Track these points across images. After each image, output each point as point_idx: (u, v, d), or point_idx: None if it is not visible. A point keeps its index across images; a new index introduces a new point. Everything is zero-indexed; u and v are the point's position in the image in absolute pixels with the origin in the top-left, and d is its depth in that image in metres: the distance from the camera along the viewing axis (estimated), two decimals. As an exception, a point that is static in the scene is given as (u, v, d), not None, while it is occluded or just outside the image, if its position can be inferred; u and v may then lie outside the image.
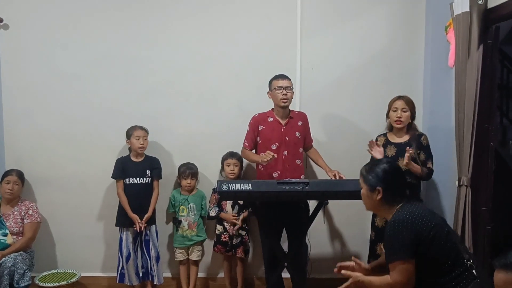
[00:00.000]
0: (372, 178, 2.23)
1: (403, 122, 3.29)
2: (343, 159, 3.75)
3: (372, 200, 2.23)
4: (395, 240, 2.07)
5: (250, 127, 3.55)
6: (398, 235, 2.06)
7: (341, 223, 4.01)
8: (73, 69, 3.88)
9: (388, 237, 2.10)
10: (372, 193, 2.22)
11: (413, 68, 3.88)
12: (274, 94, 3.43)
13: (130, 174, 3.69)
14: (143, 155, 3.76)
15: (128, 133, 3.69)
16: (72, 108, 3.90)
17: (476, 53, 2.94)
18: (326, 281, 3.94)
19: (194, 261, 3.84)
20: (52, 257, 4.01)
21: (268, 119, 3.51)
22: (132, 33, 3.86)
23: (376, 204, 2.23)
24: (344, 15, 3.88)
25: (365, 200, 2.30)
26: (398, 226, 2.07)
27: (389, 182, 2.21)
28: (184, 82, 3.90)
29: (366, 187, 2.25)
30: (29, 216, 3.66)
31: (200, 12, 3.86)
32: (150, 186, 3.74)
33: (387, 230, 2.13)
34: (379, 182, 2.20)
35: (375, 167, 2.26)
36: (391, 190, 2.20)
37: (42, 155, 3.93)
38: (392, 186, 2.21)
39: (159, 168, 3.80)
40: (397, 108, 3.29)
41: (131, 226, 3.67)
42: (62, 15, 3.85)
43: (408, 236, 2.04)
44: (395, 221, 2.10)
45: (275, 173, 3.45)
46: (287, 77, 3.46)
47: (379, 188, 2.19)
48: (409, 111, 3.28)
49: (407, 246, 2.04)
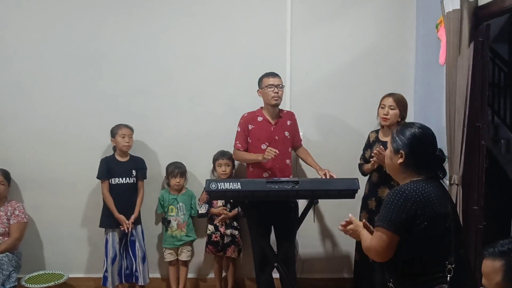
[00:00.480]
0: (399, 139, 2.09)
1: (389, 120, 3.27)
2: (334, 157, 3.73)
3: (393, 162, 2.11)
4: (390, 208, 1.95)
5: (241, 126, 3.51)
6: (395, 205, 1.94)
7: (331, 223, 3.98)
8: (61, 69, 3.83)
9: (386, 203, 1.99)
10: (395, 155, 2.09)
11: (404, 65, 3.86)
12: (264, 92, 3.39)
13: (115, 174, 3.64)
14: (128, 154, 3.71)
15: (112, 132, 3.64)
16: (61, 108, 3.86)
17: (467, 50, 2.93)
18: (316, 281, 3.94)
19: (183, 261, 3.80)
20: (39, 258, 3.96)
21: (258, 118, 3.47)
22: (120, 32, 3.82)
23: (396, 168, 2.10)
24: (334, 12, 3.85)
25: (387, 160, 2.18)
26: (400, 197, 1.95)
27: (414, 148, 2.06)
28: (172, 81, 3.86)
29: (391, 148, 2.13)
30: (15, 217, 3.61)
31: (189, 10, 3.82)
32: (136, 186, 3.70)
33: (388, 195, 2.02)
34: (404, 146, 2.06)
35: (405, 129, 2.11)
36: (414, 158, 2.05)
37: (30, 155, 3.88)
38: (416, 153, 2.06)
39: (144, 169, 3.76)
40: (385, 105, 3.28)
41: (117, 227, 3.62)
42: (49, 14, 3.80)
43: (405, 212, 1.92)
44: (401, 191, 1.97)
45: (265, 173, 3.42)
46: (278, 75, 3.43)
47: (402, 151, 2.06)
48: (398, 109, 3.25)
49: (398, 220, 1.93)
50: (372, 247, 1.99)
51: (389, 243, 1.94)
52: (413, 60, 3.85)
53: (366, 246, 2.05)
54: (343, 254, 4.01)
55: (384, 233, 1.94)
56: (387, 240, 1.94)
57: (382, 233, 1.95)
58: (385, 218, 1.95)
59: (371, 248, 2.00)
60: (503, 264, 1.38)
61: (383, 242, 1.95)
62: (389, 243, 1.94)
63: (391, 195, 1.98)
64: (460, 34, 2.94)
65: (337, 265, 4.00)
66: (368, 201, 3.38)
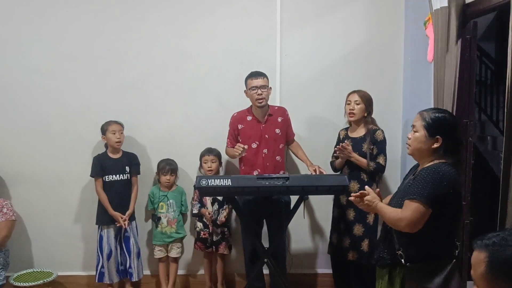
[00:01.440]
0: (435, 125, 2.18)
1: (356, 115, 3.38)
2: (323, 154, 3.74)
3: (426, 146, 2.19)
4: (426, 184, 2.09)
5: (230, 126, 3.54)
6: (432, 182, 2.08)
7: (321, 218, 4.00)
8: (48, 64, 3.80)
9: (421, 179, 2.12)
10: (429, 139, 2.18)
11: (393, 62, 3.88)
12: (249, 94, 3.40)
13: (109, 171, 3.63)
14: (120, 151, 3.70)
15: (103, 129, 3.62)
16: (47, 104, 3.83)
17: (454, 47, 2.95)
18: (306, 276, 3.97)
19: (173, 258, 3.80)
20: (28, 256, 3.93)
21: (247, 118, 3.49)
22: (108, 27, 3.79)
23: (427, 151, 2.20)
24: (323, 9, 3.86)
25: (415, 143, 2.23)
26: (437, 175, 2.09)
27: (450, 134, 2.19)
28: (161, 77, 3.85)
29: (425, 132, 2.19)
30: (3, 214, 3.58)
31: (178, 5, 3.80)
32: (129, 182, 3.70)
33: (424, 172, 2.14)
34: (441, 131, 2.17)
35: (440, 114, 2.21)
36: (447, 143, 2.18)
37: (17, 152, 3.85)
38: (450, 139, 2.19)
39: (137, 164, 3.75)
40: (351, 101, 3.40)
41: (112, 223, 3.61)
42: (36, 10, 3.76)
43: (440, 189, 2.08)
44: (437, 170, 2.11)
45: (255, 172, 3.43)
46: (262, 75, 3.40)
47: (439, 137, 2.16)
48: (363, 104, 3.37)
49: (433, 195, 2.07)
50: (405, 217, 2.10)
51: (423, 215, 2.08)
52: (402, 57, 3.87)
53: (396, 217, 2.15)
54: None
55: (419, 206, 2.08)
56: (421, 212, 2.08)
57: (417, 206, 2.08)
58: (421, 192, 2.09)
59: (403, 219, 2.11)
60: (486, 256, 1.43)
61: (419, 214, 2.08)
62: (423, 215, 2.08)
63: (427, 172, 2.12)
64: (448, 31, 2.96)
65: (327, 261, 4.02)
66: (340, 196, 3.48)
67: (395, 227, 2.19)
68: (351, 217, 3.40)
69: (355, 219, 3.39)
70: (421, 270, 2.16)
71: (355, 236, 3.38)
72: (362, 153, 3.35)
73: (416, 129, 2.24)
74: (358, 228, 3.37)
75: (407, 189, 2.20)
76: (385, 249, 2.30)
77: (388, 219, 2.22)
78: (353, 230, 3.38)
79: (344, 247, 3.44)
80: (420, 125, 2.22)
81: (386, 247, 2.29)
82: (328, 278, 3.93)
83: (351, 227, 3.39)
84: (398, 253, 2.19)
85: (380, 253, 2.33)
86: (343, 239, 3.45)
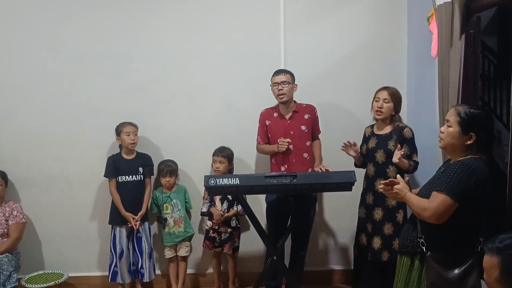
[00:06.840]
0: (469, 121, 2.17)
1: (383, 113, 3.27)
2: (329, 151, 3.76)
3: (459, 142, 2.19)
4: (455, 178, 2.10)
5: (260, 122, 3.62)
6: (462, 176, 2.09)
7: (329, 216, 4.02)
8: (57, 67, 3.82)
9: (451, 172, 2.13)
10: (463, 136, 2.18)
11: (397, 59, 3.89)
12: (272, 90, 3.48)
13: (122, 172, 3.66)
14: (135, 152, 3.73)
15: (117, 130, 3.65)
16: (57, 106, 3.85)
17: (458, 42, 2.96)
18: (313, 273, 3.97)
19: (182, 257, 3.83)
20: (39, 258, 3.96)
21: (274, 114, 3.56)
22: (116, 30, 3.81)
23: (460, 147, 2.20)
24: (327, 7, 3.87)
25: (448, 138, 2.23)
26: (467, 170, 2.10)
27: (484, 131, 2.19)
28: (169, 79, 3.87)
29: (459, 128, 2.19)
30: (14, 217, 3.61)
31: (184, 7, 3.82)
32: (143, 183, 3.72)
33: (454, 165, 2.15)
34: (476, 128, 2.17)
35: (474, 111, 2.20)
36: (483, 140, 2.18)
37: (27, 155, 3.87)
38: (485, 136, 2.19)
39: (151, 165, 3.77)
40: (380, 98, 3.28)
41: (125, 223, 3.64)
42: (46, 13, 3.78)
43: (469, 185, 2.09)
44: (468, 165, 2.12)
45: (282, 167, 3.49)
46: (284, 72, 3.48)
47: (473, 134, 2.16)
48: (392, 103, 3.26)
49: (461, 190, 2.08)
50: (432, 208, 2.13)
51: (449, 207, 2.10)
52: (406, 54, 3.89)
53: (422, 207, 2.17)
54: (341, 247, 4.05)
55: (446, 199, 2.10)
56: (448, 204, 2.10)
57: (444, 198, 2.10)
58: (449, 186, 2.10)
59: (429, 209, 2.14)
60: (499, 260, 1.42)
61: (445, 206, 2.11)
62: (449, 208, 2.10)
63: (457, 166, 2.14)
64: (451, 26, 2.97)
65: (335, 258, 4.05)
66: (366, 196, 3.41)
67: (420, 217, 2.20)
68: (380, 216, 3.29)
69: (384, 218, 3.28)
70: (441, 260, 2.18)
71: (386, 236, 3.27)
72: (388, 150, 3.25)
73: (450, 124, 2.22)
74: (388, 227, 3.26)
75: (436, 181, 2.21)
76: (408, 236, 2.31)
77: (415, 208, 2.23)
78: (383, 230, 3.28)
79: (376, 248, 3.29)
80: (455, 120, 2.20)
81: (409, 235, 2.31)
82: (336, 275, 3.96)
83: (381, 227, 3.28)
84: (420, 241, 2.21)
85: (403, 241, 2.34)
86: (374, 239, 3.31)
